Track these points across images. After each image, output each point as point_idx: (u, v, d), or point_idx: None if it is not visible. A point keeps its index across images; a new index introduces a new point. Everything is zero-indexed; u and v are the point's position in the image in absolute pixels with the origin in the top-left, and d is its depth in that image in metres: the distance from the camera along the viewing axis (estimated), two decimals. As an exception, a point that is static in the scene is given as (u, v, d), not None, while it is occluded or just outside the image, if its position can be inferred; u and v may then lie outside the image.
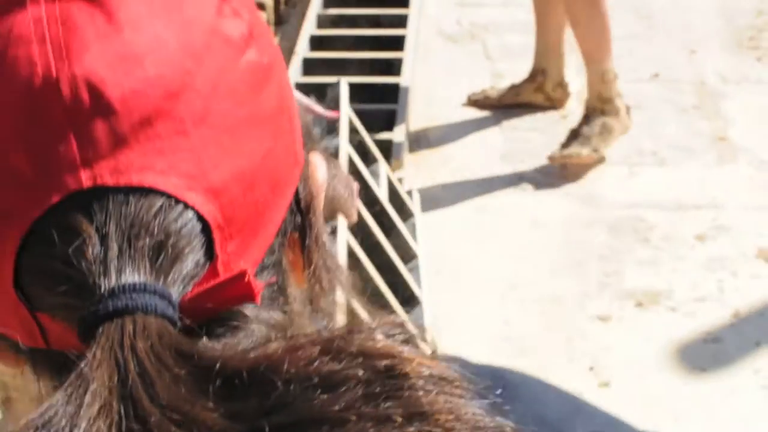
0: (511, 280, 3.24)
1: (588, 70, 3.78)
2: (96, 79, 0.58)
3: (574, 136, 3.76)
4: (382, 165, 3.35)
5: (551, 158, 3.76)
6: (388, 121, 3.82)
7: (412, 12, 4.60)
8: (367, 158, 3.34)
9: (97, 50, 0.59)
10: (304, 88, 4.05)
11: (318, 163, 0.71)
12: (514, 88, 4.09)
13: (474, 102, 4.16)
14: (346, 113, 3.14)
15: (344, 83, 3.32)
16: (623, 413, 3.00)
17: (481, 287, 3.22)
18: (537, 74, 4.04)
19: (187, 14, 0.61)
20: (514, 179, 3.74)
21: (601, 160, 3.74)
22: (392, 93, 3.99)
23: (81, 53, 0.58)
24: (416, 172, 3.78)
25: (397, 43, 4.37)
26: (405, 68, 4.16)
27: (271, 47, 0.66)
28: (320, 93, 3.98)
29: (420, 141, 3.98)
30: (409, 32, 4.42)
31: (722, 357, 2.94)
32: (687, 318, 3.07)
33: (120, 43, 0.59)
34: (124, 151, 0.58)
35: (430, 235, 3.45)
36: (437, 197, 3.66)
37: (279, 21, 4.82)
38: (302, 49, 4.31)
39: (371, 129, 3.83)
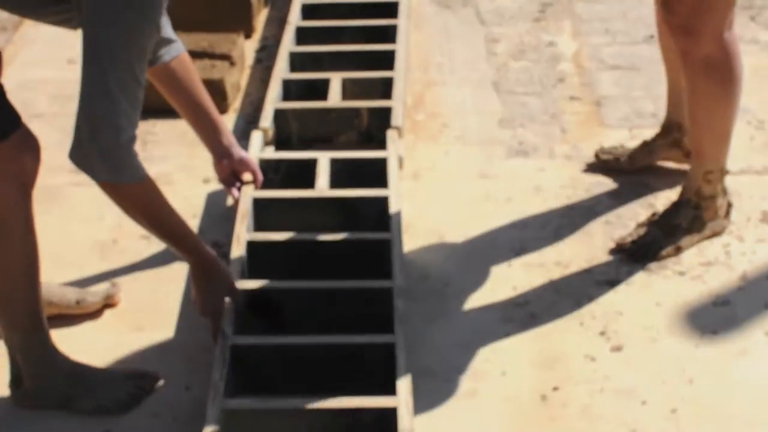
0: (516, 246, 3.22)
1: (693, 163, 3.21)
2: None
3: (656, 223, 3.22)
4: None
5: (620, 244, 3.20)
6: (385, 89, 3.79)
7: (404, -22, 4.56)
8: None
9: None
10: (298, 57, 4.03)
11: None
12: (646, 147, 3.53)
13: (604, 162, 3.57)
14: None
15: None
16: (638, 377, 2.97)
17: (487, 254, 3.20)
18: (672, 129, 3.47)
19: None
20: (514, 144, 3.71)
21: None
22: (388, 60, 3.96)
23: None
24: (415, 139, 3.75)
25: (390, 10, 4.34)
26: (399, 35, 4.13)
27: None
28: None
29: (417, 108, 3.95)
30: (402, -1, 4.39)
31: (732, 320, 2.93)
32: (695, 282, 3.06)
33: None
34: None
35: (432, 203, 3.43)
36: (437, 164, 3.63)
37: (269, -11, 4.77)
38: (295, 18, 4.27)
39: (369, 97, 3.80)
